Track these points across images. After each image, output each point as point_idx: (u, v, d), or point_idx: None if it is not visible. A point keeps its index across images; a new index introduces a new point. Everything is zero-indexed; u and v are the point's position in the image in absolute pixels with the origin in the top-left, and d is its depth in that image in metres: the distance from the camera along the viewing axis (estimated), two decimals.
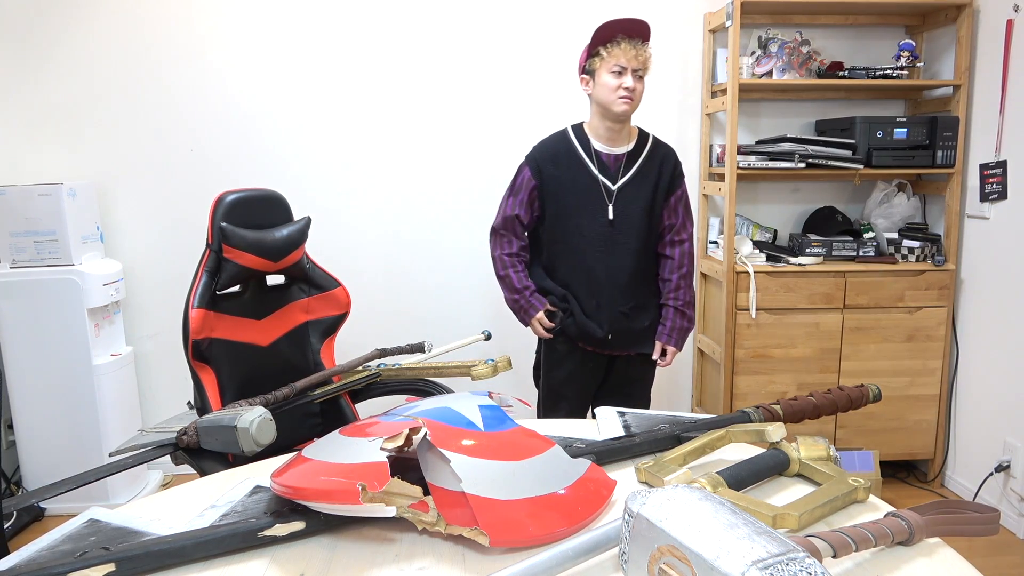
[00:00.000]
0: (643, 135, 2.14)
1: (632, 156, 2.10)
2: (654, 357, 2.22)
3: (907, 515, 0.88)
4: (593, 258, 2.09)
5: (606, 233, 2.07)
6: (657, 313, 2.20)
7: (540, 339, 2.25)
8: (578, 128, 2.13)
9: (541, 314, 2.14)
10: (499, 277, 2.18)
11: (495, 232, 2.18)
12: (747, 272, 2.79)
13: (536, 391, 2.35)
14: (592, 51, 2.02)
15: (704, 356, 3.20)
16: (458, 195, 3.10)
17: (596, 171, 2.07)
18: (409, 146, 3.06)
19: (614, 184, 2.07)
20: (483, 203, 3.11)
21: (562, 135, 2.13)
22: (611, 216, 2.07)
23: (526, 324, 2.18)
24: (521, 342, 3.22)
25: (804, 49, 2.94)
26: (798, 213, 3.23)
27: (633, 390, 2.29)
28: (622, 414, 1.35)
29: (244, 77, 2.97)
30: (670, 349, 2.20)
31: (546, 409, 2.27)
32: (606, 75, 1.98)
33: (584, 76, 2.07)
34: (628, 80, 1.97)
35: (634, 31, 1.98)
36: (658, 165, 2.11)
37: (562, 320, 2.14)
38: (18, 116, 2.93)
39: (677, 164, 2.15)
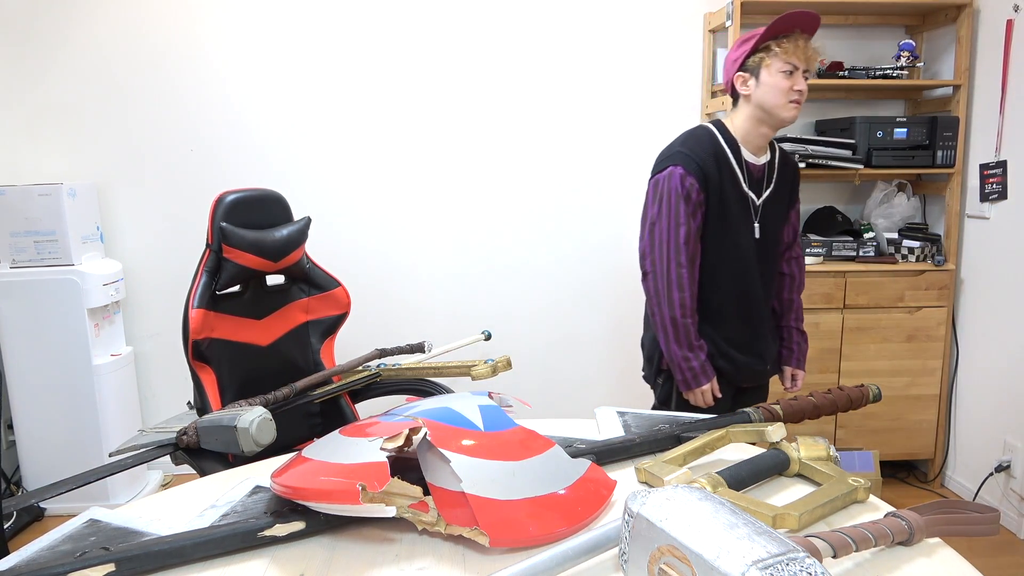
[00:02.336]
0: (771, 142, 1.90)
1: (770, 166, 1.87)
2: (786, 385, 2.03)
3: (907, 515, 0.88)
4: (748, 282, 1.85)
5: (754, 253, 1.84)
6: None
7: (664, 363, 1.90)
8: (724, 130, 1.82)
9: (714, 383, 1.83)
10: (671, 322, 1.79)
11: (670, 262, 1.77)
12: None
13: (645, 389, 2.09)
14: (759, 45, 1.75)
15: None
16: (458, 195, 3.10)
17: (744, 183, 1.82)
18: (409, 146, 3.06)
19: (758, 198, 1.84)
20: (483, 203, 3.11)
21: (711, 137, 1.81)
22: (757, 234, 1.84)
23: (686, 389, 1.83)
24: (521, 342, 3.22)
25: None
26: None
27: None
28: (622, 414, 1.35)
29: (244, 77, 2.97)
30: (800, 373, 2.03)
31: None
32: (777, 75, 1.72)
33: (742, 73, 1.78)
34: (801, 82, 1.73)
35: (811, 26, 1.74)
36: (789, 176, 1.92)
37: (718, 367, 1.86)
38: (18, 116, 2.93)
39: (798, 173, 1.96)
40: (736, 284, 1.84)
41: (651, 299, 1.82)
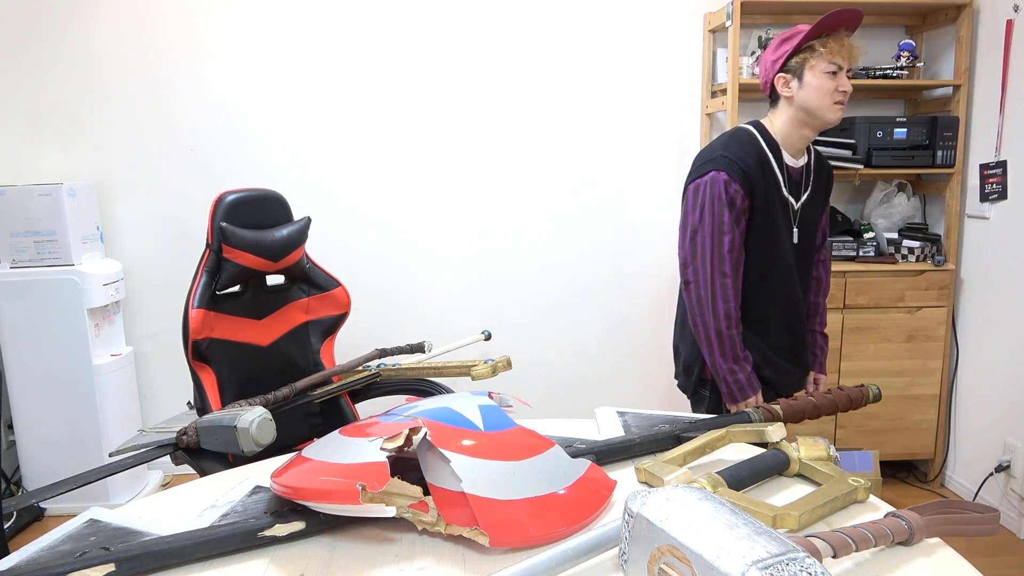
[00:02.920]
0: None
1: (807, 169, 1.82)
2: (808, 390, 1.97)
3: (907, 515, 0.88)
4: (790, 288, 1.80)
5: (793, 258, 1.79)
6: None
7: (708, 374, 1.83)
8: (764, 132, 1.75)
9: (759, 397, 1.76)
10: (716, 335, 1.72)
11: (713, 273, 1.70)
12: None
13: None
14: (802, 44, 1.69)
15: None
16: (458, 195, 3.10)
17: (785, 188, 1.75)
18: (409, 146, 3.06)
19: (797, 202, 1.79)
20: (483, 203, 3.11)
21: (753, 140, 1.74)
22: (796, 239, 1.80)
23: (732, 403, 1.77)
24: (521, 342, 3.22)
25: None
26: None
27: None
28: (622, 414, 1.35)
29: (244, 77, 2.97)
30: (822, 378, 1.99)
31: None
32: (821, 75, 1.66)
33: (784, 75, 1.72)
34: (846, 82, 1.68)
35: (854, 23, 1.68)
36: (824, 178, 1.86)
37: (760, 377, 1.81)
38: (18, 116, 2.93)
39: (832, 175, 1.90)
40: (780, 291, 1.79)
41: (693, 310, 1.74)
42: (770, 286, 1.77)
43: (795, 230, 1.79)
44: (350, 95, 3.01)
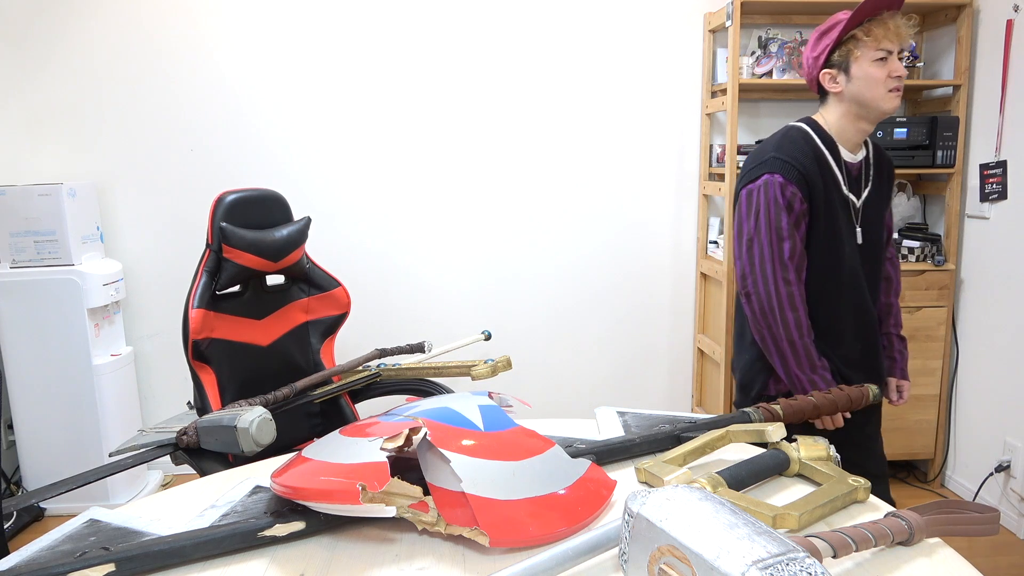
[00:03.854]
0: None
1: (867, 164, 1.71)
2: (891, 399, 1.84)
3: (907, 515, 0.88)
4: (858, 293, 1.68)
5: (859, 261, 1.68)
6: None
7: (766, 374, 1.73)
8: (818, 129, 1.66)
9: None
10: (789, 345, 1.61)
11: (776, 281, 1.61)
12: None
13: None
14: (843, 36, 1.59)
15: (704, 356, 3.20)
16: (458, 195, 3.10)
17: (844, 186, 1.66)
18: (409, 146, 3.06)
19: (858, 199, 1.69)
20: (483, 203, 3.11)
21: (807, 138, 1.64)
22: (860, 240, 1.69)
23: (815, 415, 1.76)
24: (521, 342, 3.22)
25: (804, 49, 2.94)
26: None
27: (871, 430, 1.82)
28: (622, 414, 1.35)
29: (244, 77, 2.97)
30: (905, 384, 1.84)
31: None
32: (869, 65, 1.56)
33: (829, 70, 1.63)
34: (899, 66, 1.56)
35: (898, 2, 1.55)
36: (886, 172, 1.75)
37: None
38: (18, 116, 2.93)
39: (893, 167, 1.79)
40: (848, 297, 1.67)
41: (758, 322, 1.64)
42: (837, 292, 1.66)
43: (859, 230, 1.68)
44: (350, 95, 3.01)
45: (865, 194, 1.69)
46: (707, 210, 3.17)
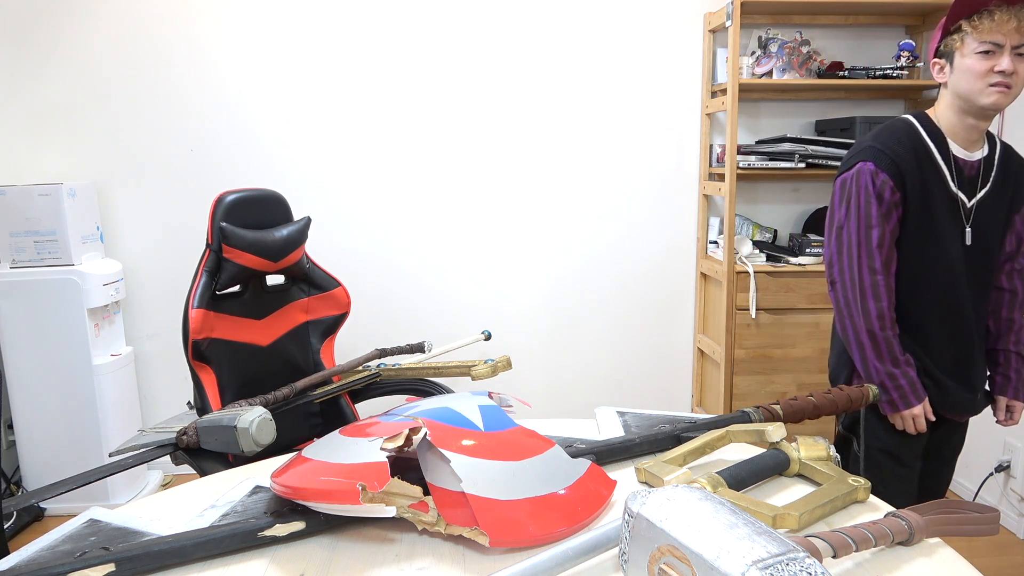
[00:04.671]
0: (990, 136, 1.65)
1: (987, 163, 1.61)
2: (999, 418, 1.74)
3: (907, 515, 0.88)
4: (956, 296, 1.60)
5: (963, 263, 1.60)
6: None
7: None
8: (927, 123, 1.59)
9: (926, 405, 1.58)
10: (868, 336, 1.56)
11: (861, 269, 1.56)
12: (747, 272, 2.79)
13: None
14: (950, 27, 1.54)
15: (704, 356, 3.20)
16: (458, 195, 3.10)
17: (952, 183, 1.58)
18: (409, 146, 3.06)
19: (970, 199, 1.59)
20: (483, 203, 3.11)
21: (909, 130, 1.58)
22: (968, 241, 1.60)
23: (892, 411, 1.60)
24: (521, 342, 3.22)
25: (804, 49, 2.94)
26: (798, 213, 3.23)
27: (949, 453, 1.78)
28: (622, 414, 1.35)
29: (244, 77, 2.97)
30: (1018, 405, 1.72)
31: (870, 472, 1.70)
32: (971, 57, 1.49)
33: (937, 60, 1.58)
34: (1004, 61, 1.46)
35: None
36: (1013, 176, 1.64)
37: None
38: (18, 116, 2.93)
39: None
40: (941, 298, 1.59)
41: (841, 312, 1.60)
42: (928, 290, 1.59)
43: (968, 230, 1.59)
44: (350, 95, 3.01)
45: (981, 194, 1.60)
46: (707, 210, 3.17)
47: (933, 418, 1.59)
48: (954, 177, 1.57)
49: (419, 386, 2.04)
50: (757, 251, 2.92)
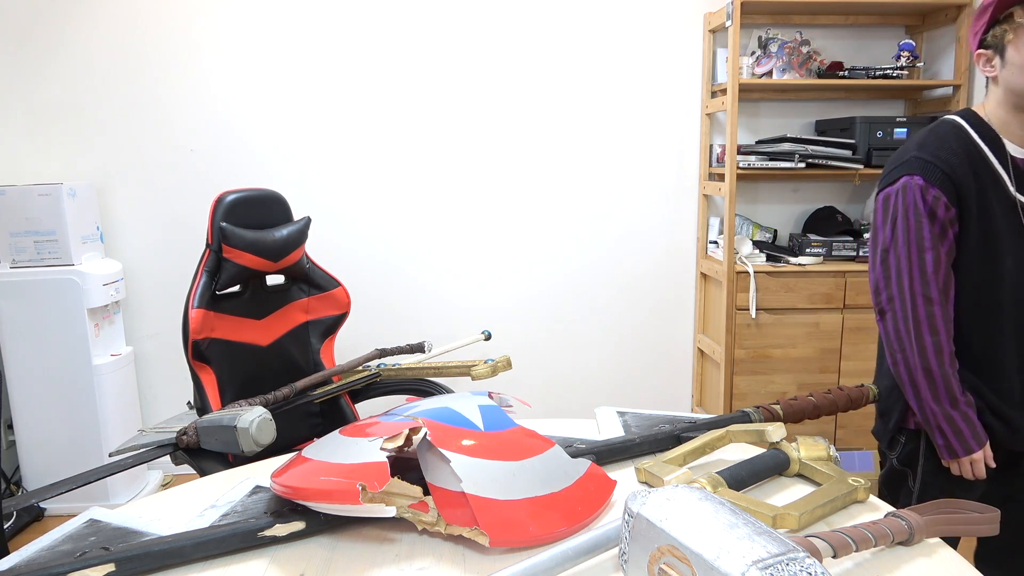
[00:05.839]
0: None
1: None
2: None
3: (907, 515, 0.88)
4: (1021, 314, 1.42)
5: None
6: None
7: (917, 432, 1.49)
8: (977, 122, 1.42)
9: (987, 450, 1.41)
10: (925, 374, 1.40)
11: (915, 298, 1.39)
12: (747, 272, 2.79)
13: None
14: (999, 14, 1.36)
15: (704, 356, 3.20)
16: (458, 195, 3.10)
17: (1012, 186, 1.40)
18: (409, 147, 3.06)
19: None
20: (483, 204, 3.11)
21: (958, 132, 1.41)
22: None
23: (950, 457, 1.42)
24: (521, 342, 3.22)
25: (804, 49, 2.94)
26: (798, 213, 3.23)
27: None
28: (622, 414, 1.35)
29: (245, 78, 2.97)
30: None
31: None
32: None
33: (983, 51, 1.40)
34: None
35: None
36: None
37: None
38: (18, 116, 2.93)
39: None
40: (1009, 320, 1.42)
41: (892, 344, 1.44)
42: (993, 314, 1.42)
43: None
44: (350, 96, 3.01)
45: None
46: (707, 210, 3.17)
47: (994, 464, 1.42)
48: (1012, 179, 1.40)
49: (419, 386, 2.04)
50: (757, 251, 2.92)
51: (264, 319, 1.98)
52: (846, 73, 2.92)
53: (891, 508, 0.97)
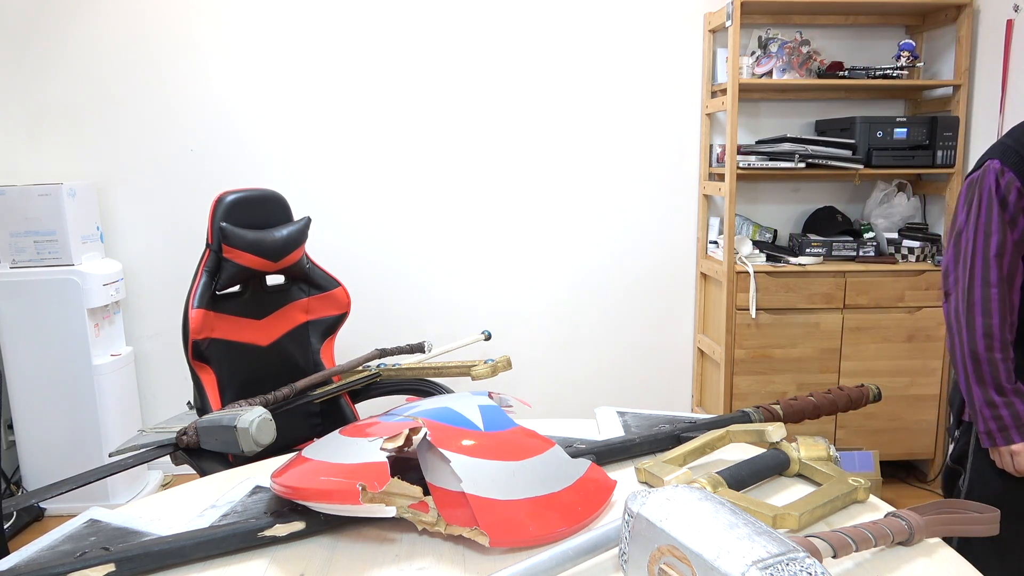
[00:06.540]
0: None
1: None
2: None
3: (907, 515, 0.88)
4: None
5: None
6: None
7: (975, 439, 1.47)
8: None
9: None
10: (971, 357, 1.40)
11: (973, 280, 1.39)
12: (747, 272, 2.79)
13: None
14: None
15: (704, 356, 3.20)
16: (458, 195, 3.10)
17: None
18: (409, 147, 3.06)
19: None
20: (483, 203, 3.11)
21: None
22: None
23: (991, 446, 1.41)
24: (521, 342, 3.22)
25: (804, 49, 2.94)
26: (798, 213, 3.23)
27: None
28: (622, 414, 1.35)
29: (244, 77, 2.97)
30: None
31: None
32: None
33: None
34: None
35: None
36: None
37: None
38: (18, 116, 2.93)
39: None
40: None
41: (951, 326, 1.44)
42: None
43: None
44: (351, 96, 3.01)
45: None
46: (707, 210, 3.17)
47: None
48: None
49: (419, 386, 2.04)
50: (757, 251, 2.92)
51: (264, 319, 1.98)
52: (846, 73, 2.92)
53: (891, 508, 0.97)
